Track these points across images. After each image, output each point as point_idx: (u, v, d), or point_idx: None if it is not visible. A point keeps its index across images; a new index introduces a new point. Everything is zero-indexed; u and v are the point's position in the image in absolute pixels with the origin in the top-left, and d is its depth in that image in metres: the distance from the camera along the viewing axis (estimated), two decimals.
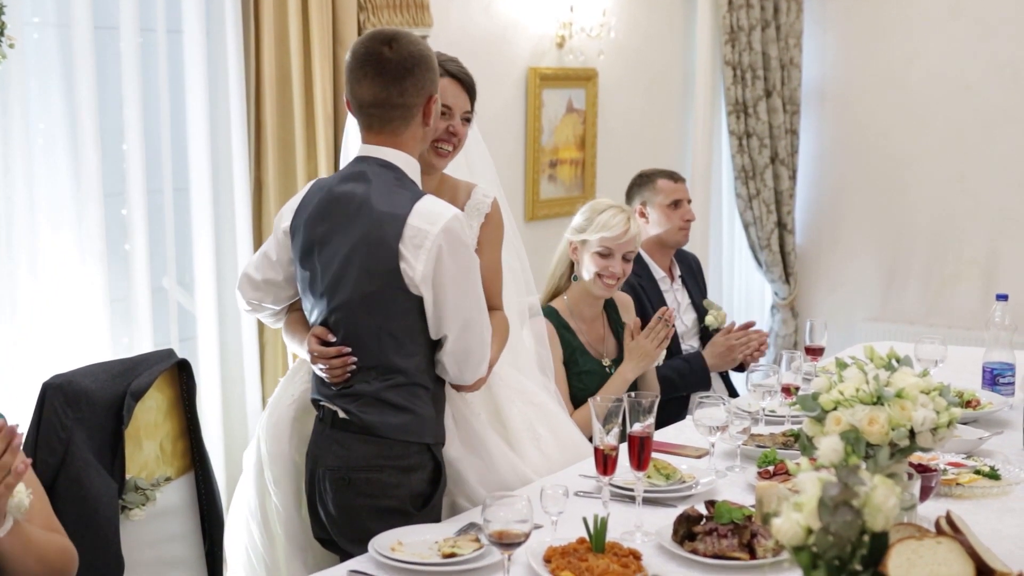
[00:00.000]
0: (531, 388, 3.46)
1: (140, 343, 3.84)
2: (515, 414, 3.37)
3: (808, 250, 7.10)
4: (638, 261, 4.35)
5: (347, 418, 2.97)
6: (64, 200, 3.69)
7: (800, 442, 2.75)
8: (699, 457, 3.34)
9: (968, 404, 3.71)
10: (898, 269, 6.88)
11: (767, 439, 3.44)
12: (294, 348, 3.22)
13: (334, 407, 2.98)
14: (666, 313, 4.01)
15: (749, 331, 4.51)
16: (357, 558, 2.69)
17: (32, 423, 2.90)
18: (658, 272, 4.60)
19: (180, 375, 3.27)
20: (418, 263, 2.87)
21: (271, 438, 3.27)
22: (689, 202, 4.68)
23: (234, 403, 4.20)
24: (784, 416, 3.62)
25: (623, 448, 2.82)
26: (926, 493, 2.74)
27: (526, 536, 2.37)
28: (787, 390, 3.56)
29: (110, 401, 3.01)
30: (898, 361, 2.80)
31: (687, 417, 3.72)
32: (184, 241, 4.07)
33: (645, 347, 3.98)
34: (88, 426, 2.95)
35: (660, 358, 4.08)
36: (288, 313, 3.26)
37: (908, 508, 2.47)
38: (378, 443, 2.95)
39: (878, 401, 2.64)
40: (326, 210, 2.99)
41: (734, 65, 6.47)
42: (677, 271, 4.70)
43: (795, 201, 6.95)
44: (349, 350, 2.96)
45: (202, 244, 4.06)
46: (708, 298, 4.75)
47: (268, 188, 4.22)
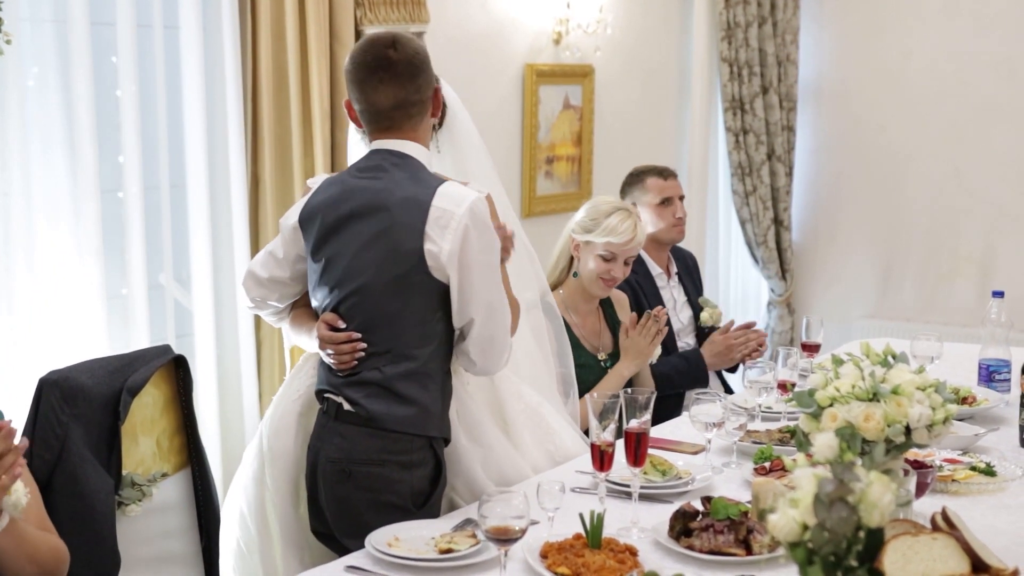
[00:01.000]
0: (528, 391, 3.47)
1: (137, 339, 3.84)
2: (516, 411, 3.38)
3: (804, 247, 7.11)
4: (635, 258, 4.36)
5: (352, 410, 2.98)
6: (61, 196, 3.68)
7: (796, 438, 2.76)
8: (695, 453, 3.34)
9: (964, 401, 3.71)
10: (894, 266, 6.89)
11: (763, 435, 3.45)
12: (300, 341, 3.23)
13: (339, 398, 2.99)
14: (658, 312, 4.03)
15: (748, 331, 4.52)
16: (354, 553, 2.69)
17: (28, 419, 2.91)
18: (655, 268, 4.60)
19: (177, 371, 3.28)
20: (444, 242, 2.90)
21: (274, 433, 3.27)
22: (682, 198, 4.66)
23: (231, 399, 4.20)
24: (780, 412, 3.63)
25: (619, 444, 2.83)
26: (922, 489, 2.74)
27: (523, 532, 2.38)
28: (783, 386, 3.58)
29: (107, 397, 3.02)
30: (894, 358, 2.81)
31: (683, 413, 3.72)
32: (181, 237, 4.07)
33: (639, 344, 4.00)
34: (84, 422, 2.95)
35: (655, 355, 4.09)
36: (292, 310, 3.27)
37: (904, 504, 2.48)
38: (382, 437, 2.96)
39: (874, 398, 2.64)
40: (343, 201, 3.00)
41: (731, 61, 6.48)
42: (674, 268, 4.70)
43: (791, 198, 6.95)
44: (359, 336, 2.97)
45: (199, 240, 4.06)
46: (704, 295, 4.75)
47: (265, 184, 4.22)
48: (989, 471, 3.15)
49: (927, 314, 6.71)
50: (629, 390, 2.84)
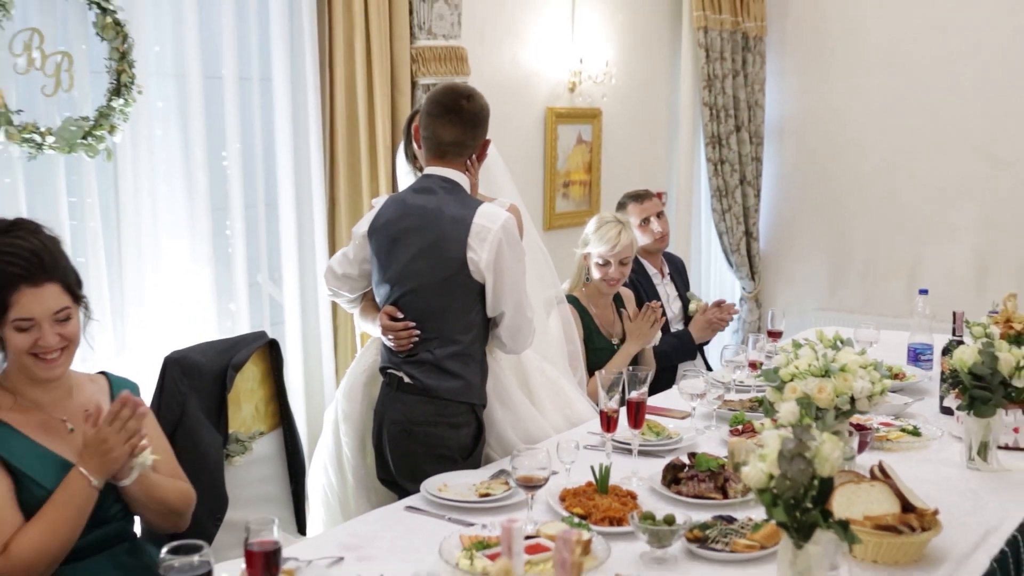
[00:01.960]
0: (549, 367, 3.47)
1: (239, 326, 3.85)
2: (539, 384, 3.39)
3: (769, 254, 7.08)
4: (635, 262, 4.38)
5: (410, 382, 2.99)
6: (180, 215, 3.70)
7: (764, 406, 2.77)
8: (683, 418, 3.34)
9: (896, 376, 3.71)
10: (841, 269, 6.85)
11: (737, 404, 3.45)
12: (367, 327, 3.25)
13: (400, 373, 3.01)
14: (653, 304, 4.04)
15: (720, 308, 4.51)
16: (411, 496, 2.70)
17: (156, 389, 2.91)
18: (651, 270, 4.60)
19: (271, 351, 3.28)
20: (483, 252, 2.91)
21: (346, 399, 3.30)
22: (660, 215, 4.60)
23: (313, 374, 4.20)
24: (751, 386, 3.63)
25: (623, 411, 2.84)
26: (863, 447, 2.75)
27: (546, 480, 2.39)
28: (753, 365, 3.57)
29: (216, 372, 3.03)
30: (842, 342, 2.81)
31: (674, 387, 3.73)
32: (274, 245, 4.07)
33: (641, 328, 4.01)
34: (199, 392, 2.96)
35: (656, 338, 4.10)
36: (362, 301, 3.29)
37: (849, 459, 2.48)
38: (435, 403, 2.98)
39: (826, 374, 2.64)
40: (403, 217, 3.01)
41: (710, 105, 6.45)
42: (667, 269, 4.70)
43: (759, 215, 6.92)
44: (414, 324, 2.98)
45: (288, 248, 4.07)
46: (691, 291, 4.75)
47: (340, 203, 4.23)
48: (916, 432, 3.15)
49: (867, 307, 6.67)
50: (632, 368, 2.85)
